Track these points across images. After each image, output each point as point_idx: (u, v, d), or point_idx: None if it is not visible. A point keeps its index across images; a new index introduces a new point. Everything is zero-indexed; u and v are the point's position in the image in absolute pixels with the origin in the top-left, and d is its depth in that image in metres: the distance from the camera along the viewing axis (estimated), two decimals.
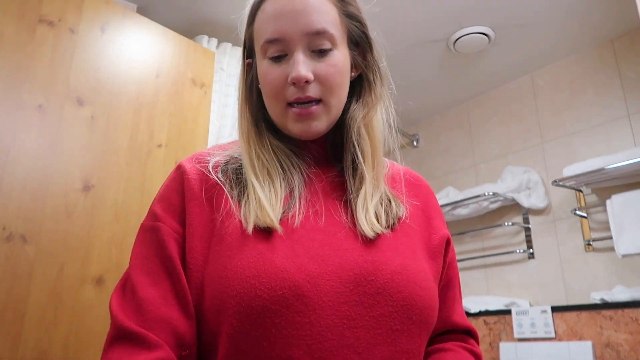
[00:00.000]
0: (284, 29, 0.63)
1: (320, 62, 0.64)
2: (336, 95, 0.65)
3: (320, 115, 0.65)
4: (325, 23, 0.64)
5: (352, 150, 0.68)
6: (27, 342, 1.15)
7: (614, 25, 2.14)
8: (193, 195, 0.64)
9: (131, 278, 0.60)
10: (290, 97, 0.63)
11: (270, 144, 0.68)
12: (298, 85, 0.62)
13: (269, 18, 0.64)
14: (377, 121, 0.70)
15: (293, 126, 0.65)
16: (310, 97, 0.63)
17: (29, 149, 1.26)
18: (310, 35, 0.63)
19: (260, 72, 0.67)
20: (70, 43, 1.41)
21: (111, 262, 1.36)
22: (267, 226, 0.59)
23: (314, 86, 0.63)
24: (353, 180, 0.67)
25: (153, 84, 1.61)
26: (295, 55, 0.63)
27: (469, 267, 2.58)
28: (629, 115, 2.13)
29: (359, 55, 0.70)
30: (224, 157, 0.69)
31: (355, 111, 0.69)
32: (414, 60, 2.40)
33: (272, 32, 0.63)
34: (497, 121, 2.66)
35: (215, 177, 0.65)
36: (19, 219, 1.20)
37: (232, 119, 1.97)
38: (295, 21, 0.63)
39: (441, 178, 2.87)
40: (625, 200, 1.93)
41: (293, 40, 0.63)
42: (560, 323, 2.05)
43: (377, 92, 0.70)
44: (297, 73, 0.62)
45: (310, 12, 0.63)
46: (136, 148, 1.51)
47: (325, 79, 0.64)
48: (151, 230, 0.63)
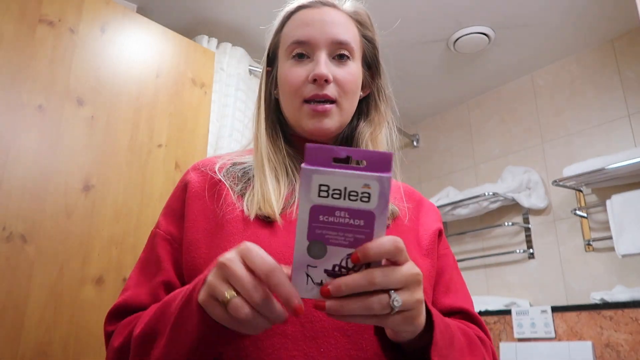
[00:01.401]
0: (311, 33, 0.70)
1: (339, 68, 0.71)
2: (349, 99, 0.72)
3: (333, 114, 0.70)
4: (348, 37, 0.72)
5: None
6: (27, 342, 1.15)
7: (614, 25, 2.14)
8: (195, 195, 0.70)
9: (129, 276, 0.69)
10: (308, 93, 0.69)
11: (282, 148, 0.73)
12: (319, 83, 0.68)
13: (299, 24, 0.72)
14: (381, 138, 0.76)
15: (307, 122, 0.70)
16: (327, 95, 0.69)
17: (29, 149, 1.26)
18: (335, 43, 0.70)
19: (282, 72, 0.73)
20: (70, 43, 1.41)
21: (111, 262, 1.36)
22: (268, 215, 0.64)
23: (331, 87, 0.69)
24: None
25: (153, 84, 1.61)
26: (318, 56, 0.70)
27: (469, 267, 2.58)
28: (629, 115, 2.13)
29: (369, 76, 0.79)
30: (229, 161, 0.75)
31: (364, 128, 0.76)
32: (414, 60, 2.40)
33: (300, 35, 0.71)
34: (497, 121, 2.66)
35: (219, 175, 0.70)
36: (19, 219, 1.21)
37: (231, 119, 1.97)
38: (322, 29, 0.71)
39: (441, 178, 2.87)
40: (625, 200, 1.93)
41: (318, 44, 0.70)
42: (560, 323, 2.05)
43: (382, 111, 0.78)
44: (319, 71, 0.68)
45: (337, 25, 0.72)
46: (136, 148, 1.51)
47: (343, 83, 0.70)
48: (152, 236, 0.72)
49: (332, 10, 0.73)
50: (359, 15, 0.76)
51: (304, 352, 0.58)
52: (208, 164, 0.74)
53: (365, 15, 0.77)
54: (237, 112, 1.99)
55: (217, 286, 0.44)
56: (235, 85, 2.02)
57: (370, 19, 0.78)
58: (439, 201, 2.58)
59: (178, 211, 0.70)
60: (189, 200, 0.69)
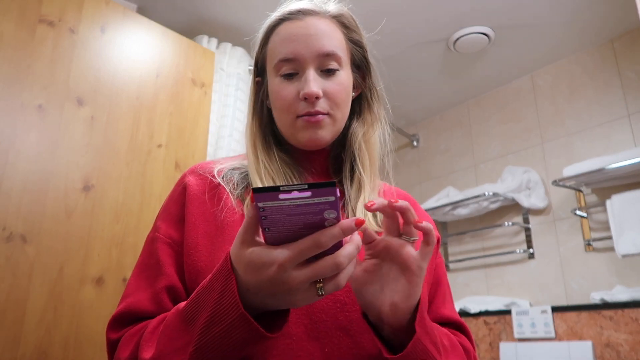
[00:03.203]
0: (297, 49, 0.70)
1: (328, 81, 0.70)
2: (341, 110, 0.72)
3: (326, 125, 0.71)
4: (333, 47, 0.71)
5: (351, 162, 0.75)
6: (27, 342, 1.15)
7: (614, 25, 2.15)
8: (194, 199, 0.70)
9: (128, 281, 0.68)
10: (300, 111, 0.70)
11: (277, 156, 0.74)
12: (309, 101, 0.69)
13: (284, 40, 0.71)
14: (375, 139, 0.78)
15: (302, 135, 0.70)
16: (319, 111, 0.69)
17: (29, 149, 1.26)
18: (321, 56, 0.70)
19: (273, 89, 0.73)
20: (70, 43, 1.41)
21: (111, 262, 1.36)
22: None
23: (322, 102, 0.70)
24: (351, 187, 0.74)
25: (153, 84, 1.61)
26: (307, 73, 0.69)
27: (469, 267, 2.58)
28: (629, 115, 2.13)
29: (360, 76, 0.79)
30: (228, 165, 0.75)
31: (356, 128, 0.77)
32: (414, 61, 2.40)
33: (286, 53, 0.70)
34: (497, 121, 2.66)
35: (218, 179, 0.71)
36: (19, 219, 1.21)
37: (231, 119, 1.97)
38: (307, 44, 0.70)
39: (441, 178, 2.87)
40: (625, 200, 1.93)
41: (305, 60, 0.70)
42: (560, 323, 2.05)
43: (374, 111, 0.78)
44: (309, 89, 0.68)
45: (321, 36, 0.71)
46: (136, 148, 1.51)
47: (333, 96, 0.70)
48: (150, 241, 0.71)
49: (314, 19, 0.72)
50: (343, 18, 0.75)
51: (308, 352, 0.59)
52: (206, 168, 0.74)
53: (349, 17, 0.76)
54: (237, 112, 1.99)
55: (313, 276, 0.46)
56: (235, 85, 2.02)
57: (354, 20, 0.77)
58: (439, 201, 2.58)
59: (177, 214, 0.70)
60: (189, 203, 0.69)
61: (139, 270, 0.69)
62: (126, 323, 0.65)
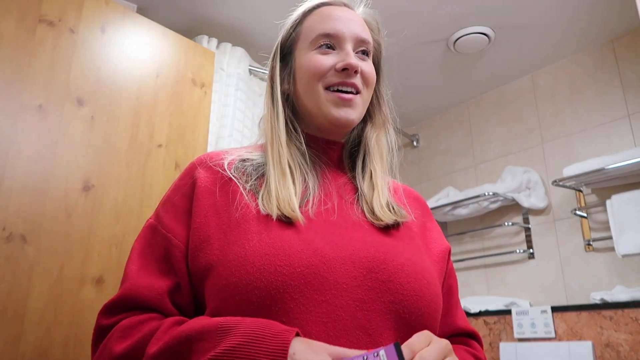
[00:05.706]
0: (339, 27, 0.74)
1: (363, 62, 0.75)
2: (370, 92, 0.76)
3: (357, 105, 0.74)
4: (368, 36, 0.77)
5: (365, 158, 0.78)
6: (27, 342, 1.15)
7: (614, 25, 2.14)
8: (205, 191, 0.69)
9: (126, 267, 0.68)
10: (333, 80, 0.72)
11: (295, 146, 0.75)
12: (349, 72, 0.72)
13: (326, 18, 0.75)
14: (384, 142, 0.81)
15: (331, 110, 0.72)
16: (355, 84, 0.72)
17: (29, 149, 1.26)
18: (359, 40, 0.75)
19: (305, 60, 0.75)
20: (70, 43, 1.41)
21: (111, 262, 1.36)
22: (285, 214, 0.65)
23: (358, 78, 0.73)
24: (363, 181, 0.76)
25: (153, 84, 1.61)
26: (347, 48, 0.73)
27: (469, 267, 2.58)
28: (629, 115, 2.13)
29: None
30: (237, 156, 0.75)
31: (369, 132, 0.81)
32: (414, 61, 2.40)
33: (328, 28, 0.74)
34: (497, 121, 2.66)
35: (229, 173, 0.71)
36: (19, 219, 1.21)
37: (231, 119, 1.97)
38: (348, 25, 0.75)
39: (441, 178, 2.87)
40: (625, 200, 1.93)
41: (345, 38, 0.74)
42: (560, 323, 2.05)
43: (385, 114, 0.82)
44: (351, 60, 0.71)
45: (360, 23, 0.77)
46: (136, 148, 1.51)
47: (367, 76, 0.75)
48: (152, 229, 0.71)
49: (352, 11, 0.78)
50: (372, 19, 0.81)
51: None
52: (215, 159, 0.73)
53: (376, 21, 0.82)
54: (237, 112, 1.99)
55: None
56: (235, 85, 2.02)
57: (379, 25, 0.83)
58: (439, 201, 2.58)
59: (183, 208, 0.69)
60: (199, 197, 0.68)
61: (138, 258, 0.68)
62: (123, 310, 0.64)
